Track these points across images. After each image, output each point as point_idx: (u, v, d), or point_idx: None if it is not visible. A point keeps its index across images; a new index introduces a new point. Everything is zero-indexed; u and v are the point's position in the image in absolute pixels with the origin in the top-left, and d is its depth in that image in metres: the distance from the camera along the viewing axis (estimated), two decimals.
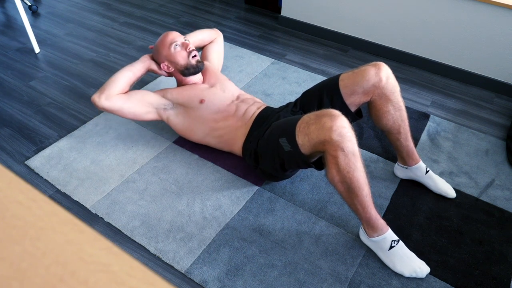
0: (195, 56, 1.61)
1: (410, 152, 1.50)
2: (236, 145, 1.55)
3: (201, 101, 1.56)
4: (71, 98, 1.98)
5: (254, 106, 1.58)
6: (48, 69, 2.18)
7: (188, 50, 1.59)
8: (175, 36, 1.60)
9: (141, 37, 2.52)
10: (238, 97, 1.63)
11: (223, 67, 2.23)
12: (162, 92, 1.62)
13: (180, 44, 1.60)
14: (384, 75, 1.38)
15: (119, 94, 1.52)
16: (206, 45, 1.88)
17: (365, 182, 1.19)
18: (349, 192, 1.20)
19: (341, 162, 1.15)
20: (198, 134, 1.59)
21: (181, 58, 1.59)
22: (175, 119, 1.60)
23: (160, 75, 1.73)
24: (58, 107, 1.92)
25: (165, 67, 1.62)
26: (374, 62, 1.42)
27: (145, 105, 1.56)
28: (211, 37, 1.88)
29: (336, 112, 1.18)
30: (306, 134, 1.20)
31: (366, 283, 1.25)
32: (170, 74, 1.67)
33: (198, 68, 1.62)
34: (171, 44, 1.58)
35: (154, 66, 1.63)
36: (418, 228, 1.42)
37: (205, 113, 1.55)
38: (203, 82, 1.69)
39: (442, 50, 2.21)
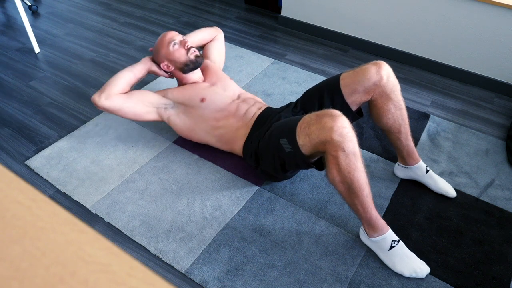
0: (194, 52, 1.61)
1: (410, 152, 1.50)
2: (237, 145, 1.55)
3: (202, 100, 1.56)
4: (71, 98, 1.98)
5: (255, 106, 1.58)
6: (48, 69, 2.18)
7: (186, 48, 1.59)
8: (173, 35, 1.61)
9: (141, 37, 2.52)
10: (239, 97, 1.63)
11: (224, 67, 2.23)
12: (162, 92, 1.62)
13: (178, 42, 1.59)
14: (385, 73, 1.38)
15: (119, 94, 1.52)
16: (207, 43, 1.87)
17: (365, 183, 1.19)
18: (349, 193, 1.20)
19: (341, 162, 1.15)
20: (199, 133, 1.59)
21: (180, 55, 1.59)
22: (176, 118, 1.59)
23: (160, 76, 1.73)
24: (58, 107, 1.92)
25: (165, 66, 1.61)
26: (374, 61, 1.41)
27: (145, 104, 1.56)
28: (211, 36, 1.87)
29: (337, 112, 1.17)
30: (307, 134, 1.20)
31: (366, 283, 1.25)
32: (170, 74, 1.68)
33: (197, 62, 1.61)
34: (169, 43, 1.58)
35: (154, 68, 1.64)
36: (418, 228, 1.42)
37: (206, 112, 1.55)
38: (204, 81, 1.69)
39: (442, 50, 2.21)
